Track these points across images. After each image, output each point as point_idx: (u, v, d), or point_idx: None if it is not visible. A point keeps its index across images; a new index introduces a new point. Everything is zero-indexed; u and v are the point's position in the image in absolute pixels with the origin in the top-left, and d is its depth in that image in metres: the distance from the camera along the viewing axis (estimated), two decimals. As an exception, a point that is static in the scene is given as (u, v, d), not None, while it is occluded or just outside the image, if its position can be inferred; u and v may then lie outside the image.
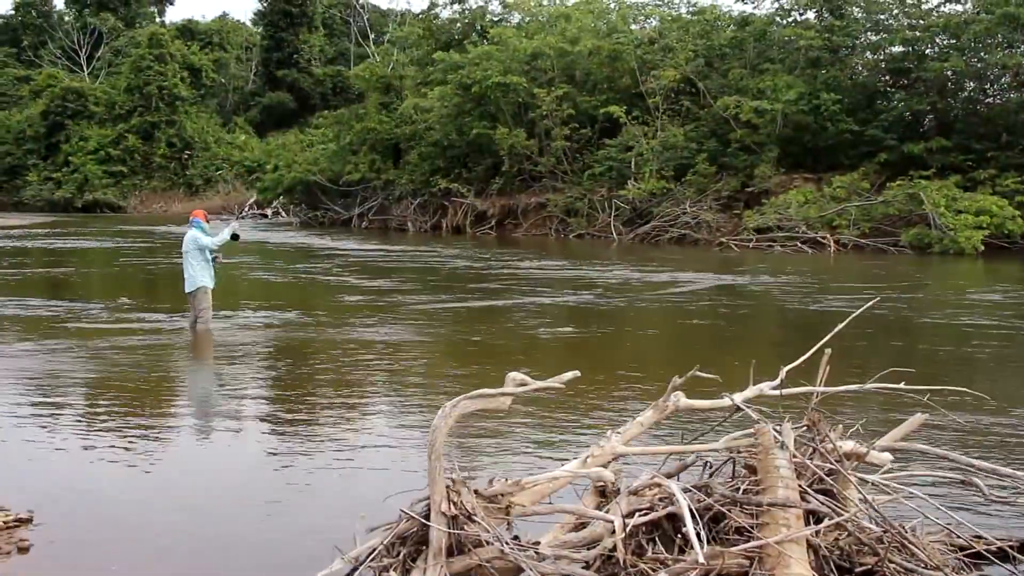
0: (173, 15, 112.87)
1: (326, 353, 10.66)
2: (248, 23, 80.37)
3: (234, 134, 64.54)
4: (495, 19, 42.30)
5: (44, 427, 7.44)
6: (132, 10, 73.67)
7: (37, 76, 64.18)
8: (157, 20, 74.87)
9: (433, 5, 44.32)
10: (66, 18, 75.44)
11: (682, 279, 18.49)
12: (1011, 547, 4.45)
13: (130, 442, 6.98)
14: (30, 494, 5.61)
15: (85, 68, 70.68)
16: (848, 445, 4.76)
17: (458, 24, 42.74)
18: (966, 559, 4.24)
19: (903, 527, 4.07)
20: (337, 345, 11.12)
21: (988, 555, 4.33)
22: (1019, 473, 4.93)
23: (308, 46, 68.93)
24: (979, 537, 4.45)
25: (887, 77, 32.17)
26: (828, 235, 26.49)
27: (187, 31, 70.47)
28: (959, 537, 4.42)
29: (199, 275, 12.00)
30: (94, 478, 6.19)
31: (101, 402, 8.33)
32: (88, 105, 60.64)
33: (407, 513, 3.82)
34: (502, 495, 3.94)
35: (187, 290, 12.08)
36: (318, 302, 15.80)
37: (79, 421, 7.72)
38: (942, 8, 30.78)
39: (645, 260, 23.45)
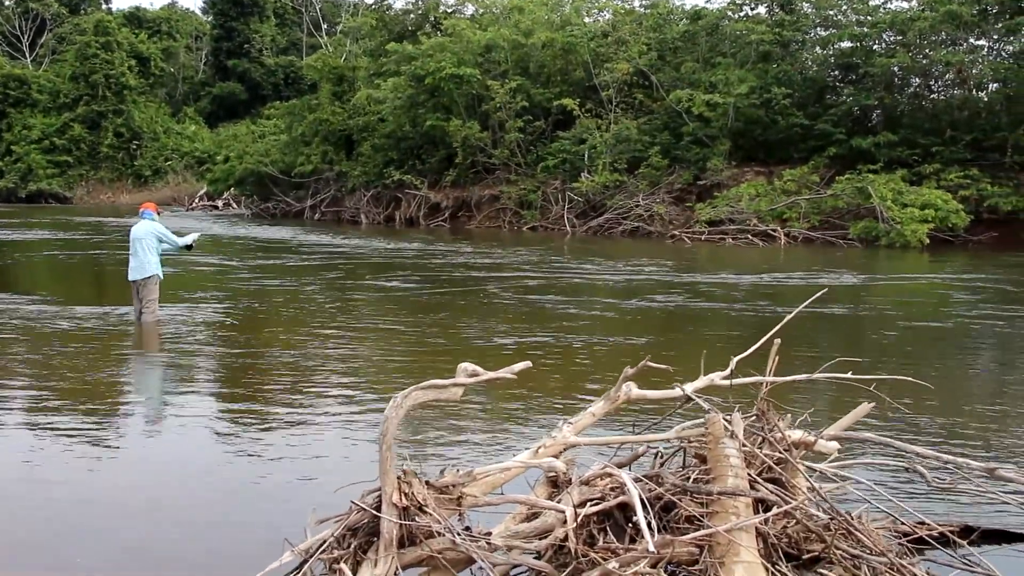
0: (120, 2, 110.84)
1: (278, 346, 10.54)
2: (198, 12, 79.17)
3: (184, 124, 63.49)
4: (449, 11, 42.10)
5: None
6: (77, -4, 72.06)
7: (-23, 63, 62.51)
8: (103, 7, 73.11)
9: (387, -5, 44.09)
10: (7, 3, 73.47)
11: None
12: (952, 532, 4.55)
13: (79, 438, 6.84)
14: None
15: (28, 55, 68.96)
16: (796, 434, 4.82)
17: (411, 15, 42.52)
18: (910, 544, 4.32)
19: (849, 514, 4.13)
20: (290, 338, 11.01)
21: (930, 540, 4.43)
22: (960, 459, 5.04)
23: (259, 36, 68.01)
24: (922, 523, 4.54)
25: (836, 72, 32.71)
26: (779, 228, 26.90)
27: (135, 19, 69.12)
28: (903, 523, 4.51)
29: (152, 264, 11.81)
30: (41, 474, 6.06)
31: (48, 398, 8.14)
32: (31, 93, 59.30)
33: (358, 504, 3.79)
34: (453, 486, 3.93)
35: (137, 277, 11.78)
36: (266, 294, 15.61)
37: (26, 417, 7.53)
38: (889, 5, 31.46)
39: (615, 256, 23.53)
